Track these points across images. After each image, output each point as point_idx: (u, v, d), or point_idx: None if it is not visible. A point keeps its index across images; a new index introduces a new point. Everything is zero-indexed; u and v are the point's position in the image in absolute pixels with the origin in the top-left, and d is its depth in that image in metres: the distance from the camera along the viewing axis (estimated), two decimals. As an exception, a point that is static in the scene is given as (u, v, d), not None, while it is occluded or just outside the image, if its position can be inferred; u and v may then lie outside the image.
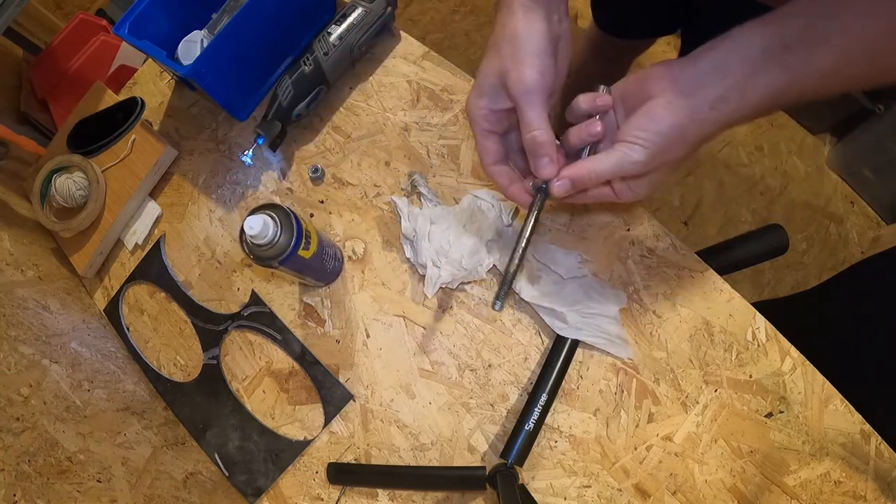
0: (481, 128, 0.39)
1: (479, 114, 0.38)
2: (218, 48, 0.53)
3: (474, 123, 0.39)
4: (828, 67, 0.30)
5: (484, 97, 0.38)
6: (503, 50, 0.36)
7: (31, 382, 0.49)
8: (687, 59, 0.32)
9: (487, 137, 0.39)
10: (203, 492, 0.54)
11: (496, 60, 0.36)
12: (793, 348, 0.49)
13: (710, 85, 0.31)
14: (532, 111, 0.35)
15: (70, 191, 0.61)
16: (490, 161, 0.40)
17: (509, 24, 0.36)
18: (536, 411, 0.48)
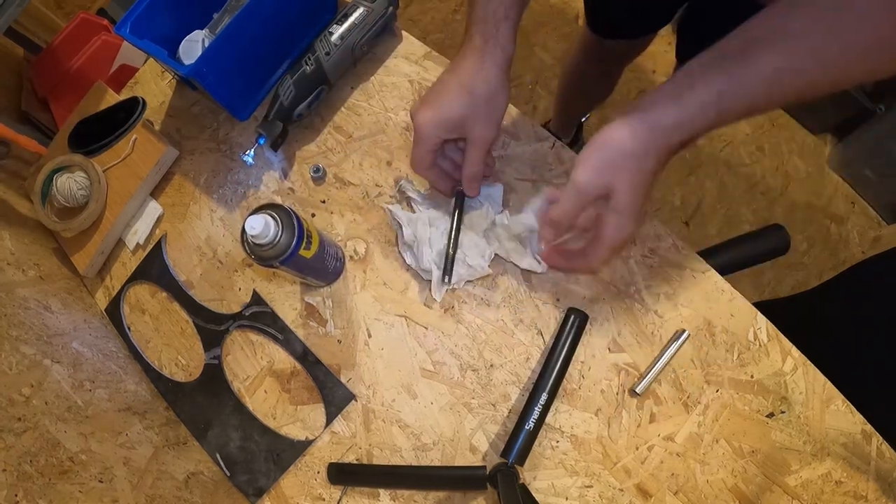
0: (428, 147, 0.46)
1: (433, 140, 0.45)
2: (219, 48, 0.53)
3: (424, 141, 0.46)
4: (770, 71, 0.32)
5: (442, 129, 0.45)
6: (475, 104, 0.43)
7: (32, 382, 0.49)
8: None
9: (431, 154, 0.47)
10: (204, 492, 0.54)
11: (464, 105, 0.43)
12: (794, 348, 0.49)
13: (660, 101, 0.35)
14: (480, 154, 0.46)
15: (71, 190, 0.61)
16: (425, 166, 0.48)
17: (482, 76, 0.43)
18: (537, 411, 0.48)
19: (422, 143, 0.46)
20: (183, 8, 0.58)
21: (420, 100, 0.46)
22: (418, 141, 0.46)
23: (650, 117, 0.35)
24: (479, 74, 0.43)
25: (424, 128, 0.45)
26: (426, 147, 0.46)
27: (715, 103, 0.33)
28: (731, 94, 0.33)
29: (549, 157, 0.56)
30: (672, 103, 0.34)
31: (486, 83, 0.43)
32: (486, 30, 0.43)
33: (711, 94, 0.33)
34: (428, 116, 0.44)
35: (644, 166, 0.36)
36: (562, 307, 0.52)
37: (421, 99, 0.46)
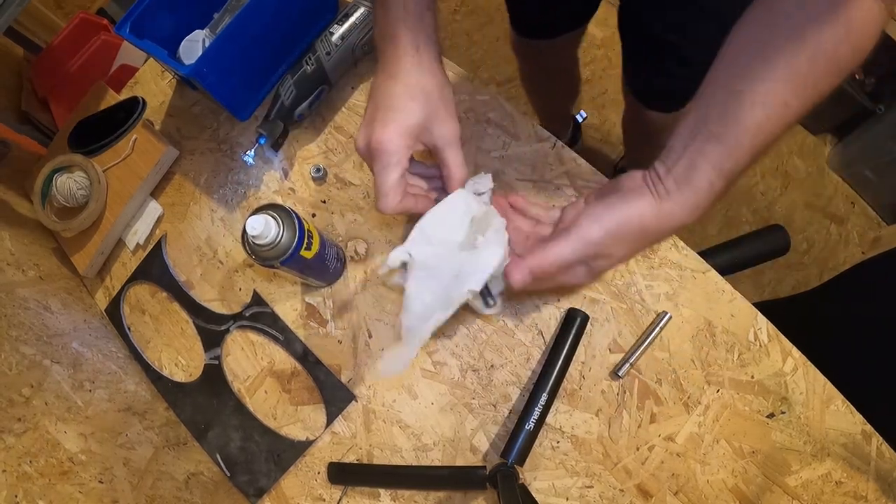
0: (397, 169, 0.40)
1: (401, 157, 0.40)
2: (220, 48, 0.53)
3: (391, 163, 0.39)
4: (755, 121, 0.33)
5: (409, 139, 0.40)
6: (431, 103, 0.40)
7: (32, 383, 0.49)
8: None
9: (398, 173, 0.40)
10: (205, 492, 0.54)
11: (422, 107, 0.40)
12: (794, 349, 0.49)
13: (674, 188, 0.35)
14: (459, 155, 0.42)
15: (71, 190, 0.61)
16: (399, 196, 0.41)
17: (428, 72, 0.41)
18: (537, 411, 0.48)
19: (390, 167, 0.39)
20: (183, 8, 0.58)
21: (364, 126, 0.41)
22: (385, 165, 0.39)
23: (670, 207, 0.36)
24: (424, 72, 0.40)
25: (388, 144, 0.39)
26: (396, 169, 0.40)
27: (720, 177, 0.34)
28: (733, 160, 0.34)
29: (550, 157, 0.56)
30: (687, 188, 0.35)
31: (434, 77, 0.41)
32: (412, 25, 0.40)
33: (716, 170, 0.34)
34: (389, 131, 0.39)
35: (652, 242, 0.38)
36: (562, 307, 0.52)
37: (365, 125, 0.41)
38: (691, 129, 0.35)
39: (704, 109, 0.35)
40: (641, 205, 0.36)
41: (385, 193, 0.40)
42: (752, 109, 0.33)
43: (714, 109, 0.34)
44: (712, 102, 0.35)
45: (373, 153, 0.40)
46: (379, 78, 0.42)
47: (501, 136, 0.57)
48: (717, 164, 0.34)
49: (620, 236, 0.37)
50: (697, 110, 0.35)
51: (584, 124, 1.37)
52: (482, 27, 1.48)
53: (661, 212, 0.36)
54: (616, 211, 0.36)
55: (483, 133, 0.58)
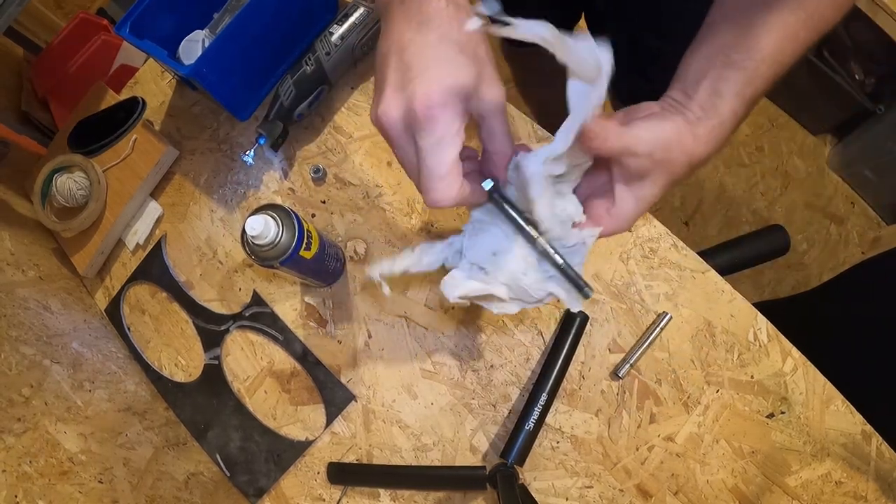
0: (456, 135, 0.30)
1: (459, 119, 0.30)
2: (219, 48, 0.53)
3: (446, 129, 0.30)
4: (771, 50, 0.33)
5: (462, 99, 0.30)
6: (482, 61, 0.31)
7: (32, 383, 0.49)
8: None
9: (457, 150, 0.31)
10: (205, 492, 0.54)
11: (471, 61, 0.31)
12: (794, 349, 0.49)
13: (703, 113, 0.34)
14: (505, 124, 0.33)
15: (71, 190, 0.61)
16: (457, 185, 0.31)
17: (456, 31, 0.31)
18: (536, 411, 0.48)
19: (445, 141, 0.30)
20: (183, 8, 0.58)
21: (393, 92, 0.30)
22: (439, 139, 0.30)
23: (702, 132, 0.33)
24: (463, 19, 0.31)
25: (440, 110, 0.29)
26: (453, 144, 0.30)
27: (742, 104, 0.34)
28: (752, 87, 0.33)
29: (550, 157, 0.56)
30: (714, 115, 0.33)
31: (475, 38, 0.31)
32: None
33: (739, 97, 0.33)
34: (440, 92, 0.29)
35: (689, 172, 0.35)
36: (562, 307, 0.52)
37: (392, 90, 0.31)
38: (706, 57, 0.34)
39: (719, 39, 0.34)
40: (679, 124, 0.33)
41: (441, 177, 0.30)
42: (767, 38, 0.33)
43: (729, 38, 0.34)
44: (725, 32, 0.34)
45: (418, 123, 0.29)
46: (399, 28, 0.31)
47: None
48: (739, 91, 0.33)
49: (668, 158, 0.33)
50: (710, 40, 0.35)
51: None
52: (482, 27, 1.48)
53: (695, 135, 0.33)
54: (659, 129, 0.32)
55: (483, 133, 0.58)
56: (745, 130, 1.35)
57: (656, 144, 0.32)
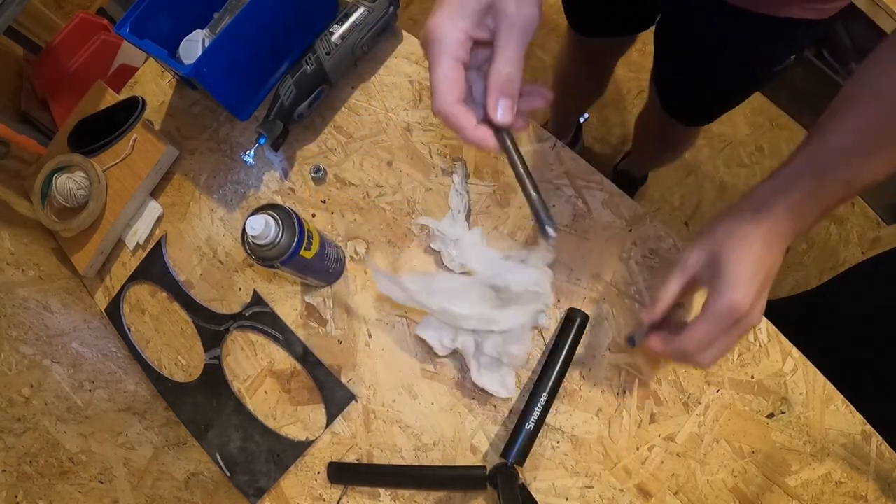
0: (453, 55, 0.32)
1: (456, 38, 0.32)
2: (219, 47, 0.53)
3: (445, 49, 0.32)
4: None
5: (466, 19, 0.31)
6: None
7: (32, 383, 0.49)
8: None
9: (457, 67, 0.32)
10: (205, 492, 0.54)
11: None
12: (794, 349, 0.49)
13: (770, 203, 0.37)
14: (522, 49, 0.32)
15: (71, 190, 0.61)
16: (455, 97, 0.32)
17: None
18: (537, 411, 0.48)
19: (440, 52, 0.32)
20: (183, 8, 0.58)
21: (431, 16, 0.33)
22: (433, 51, 0.32)
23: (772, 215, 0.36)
24: None
25: (437, 29, 0.32)
26: (449, 54, 0.32)
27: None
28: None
29: (550, 157, 0.56)
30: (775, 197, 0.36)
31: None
32: None
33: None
34: (442, 13, 0.32)
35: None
36: (562, 307, 0.52)
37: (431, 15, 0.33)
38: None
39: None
40: (759, 242, 0.36)
41: (434, 88, 0.32)
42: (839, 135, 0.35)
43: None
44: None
45: (424, 44, 0.33)
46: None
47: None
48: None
49: (759, 284, 0.36)
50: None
51: (584, 124, 1.37)
52: (482, 27, 1.48)
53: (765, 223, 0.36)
54: (741, 258, 0.36)
55: (483, 133, 0.58)
56: (745, 130, 1.36)
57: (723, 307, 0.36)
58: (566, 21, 0.84)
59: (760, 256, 0.36)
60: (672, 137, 0.93)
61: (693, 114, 0.81)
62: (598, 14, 0.78)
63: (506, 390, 0.49)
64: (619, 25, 0.80)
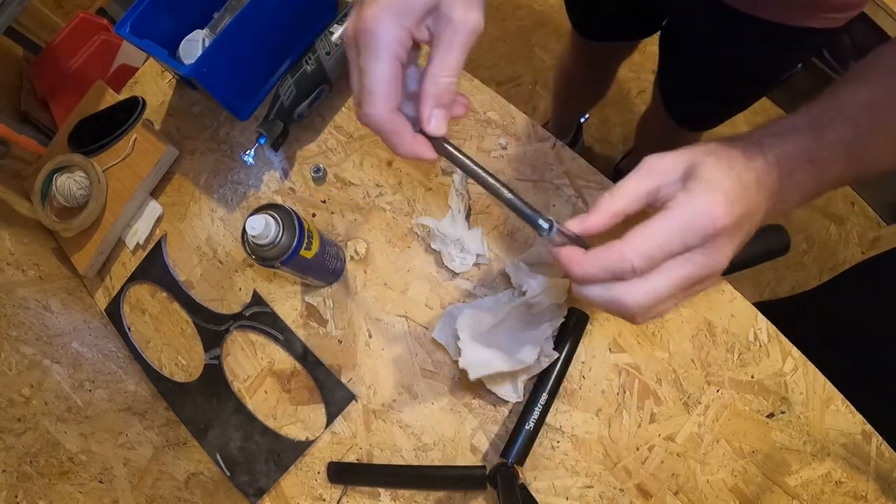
0: (394, 54, 0.28)
1: (397, 36, 0.28)
2: (220, 47, 0.53)
3: (385, 46, 0.28)
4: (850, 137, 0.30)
5: (410, 17, 0.28)
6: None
7: (32, 383, 0.49)
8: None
9: (397, 70, 0.29)
10: (205, 492, 0.54)
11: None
12: (794, 349, 0.49)
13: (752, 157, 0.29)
14: (462, 56, 0.29)
15: (71, 190, 0.61)
16: (392, 104, 0.29)
17: None
18: (537, 411, 0.48)
19: (377, 49, 0.28)
20: (183, 8, 0.58)
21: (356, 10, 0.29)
22: (368, 53, 0.28)
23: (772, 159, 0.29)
24: None
25: (374, 24, 0.28)
26: (383, 58, 0.28)
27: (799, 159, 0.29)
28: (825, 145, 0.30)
29: (550, 157, 0.56)
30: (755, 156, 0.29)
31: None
32: None
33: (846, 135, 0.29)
34: (379, 6, 0.28)
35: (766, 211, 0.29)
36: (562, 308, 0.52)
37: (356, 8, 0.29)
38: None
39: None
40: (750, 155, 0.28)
41: (369, 90, 0.28)
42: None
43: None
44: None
45: (356, 38, 0.29)
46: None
47: (501, 136, 0.57)
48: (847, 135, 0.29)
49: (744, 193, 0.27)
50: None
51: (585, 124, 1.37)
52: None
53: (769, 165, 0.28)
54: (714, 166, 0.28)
55: (483, 133, 0.58)
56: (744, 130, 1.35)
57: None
58: (569, 23, 0.84)
59: (746, 187, 0.27)
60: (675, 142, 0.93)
61: (698, 120, 0.81)
62: (603, 18, 0.78)
63: (516, 395, 0.49)
64: (624, 30, 0.80)
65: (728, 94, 0.70)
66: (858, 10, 0.51)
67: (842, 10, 0.51)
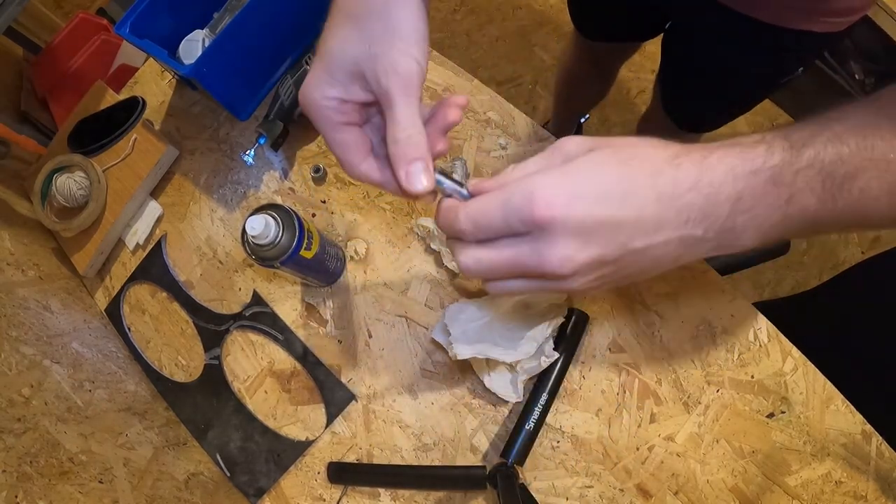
0: (334, 122, 0.30)
1: (329, 105, 0.30)
2: (219, 47, 0.53)
3: (322, 119, 0.30)
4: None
5: (335, 86, 0.29)
6: (369, 27, 0.28)
7: (32, 383, 0.49)
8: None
9: (346, 130, 0.30)
10: (205, 492, 0.54)
11: (355, 39, 0.29)
12: (794, 349, 0.49)
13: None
14: (408, 108, 0.28)
15: (71, 190, 0.61)
16: (360, 158, 0.30)
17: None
18: (537, 411, 0.48)
19: (320, 121, 0.30)
20: (183, 8, 0.58)
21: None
22: (315, 120, 0.30)
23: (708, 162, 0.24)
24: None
25: (308, 94, 0.30)
26: (329, 122, 0.30)
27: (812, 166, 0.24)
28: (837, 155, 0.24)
29: (550, 157, 0.56)
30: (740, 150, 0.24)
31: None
32: None
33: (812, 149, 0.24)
34: (313, 75, 0.30)
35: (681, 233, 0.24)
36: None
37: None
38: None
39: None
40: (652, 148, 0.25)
41: (337, 158, 0.30)
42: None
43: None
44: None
45: (303, 109, 0.31)
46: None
47: (501, 136, 0.57)
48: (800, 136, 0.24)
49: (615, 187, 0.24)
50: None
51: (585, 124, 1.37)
52: (482, 27, 1.48)
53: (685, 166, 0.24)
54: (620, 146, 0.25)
55: (483, 133, 0.58)
56: (744, 130, 1.35)
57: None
58: (570, 23, 0.84)
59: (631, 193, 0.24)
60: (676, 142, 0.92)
61: (699, 122, 0.81)
62: (606, 20, 0.78)
63: (516, 395, 0.49)
64: (627, 32, 0.80)
65: (729, 96, 0.70)
66: (861, 14, 0.51)
67: (844, 15, 0.51)
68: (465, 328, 0.47)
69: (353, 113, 0.30)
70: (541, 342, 0.47)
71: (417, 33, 0.29)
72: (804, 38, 0.53)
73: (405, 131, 0.28)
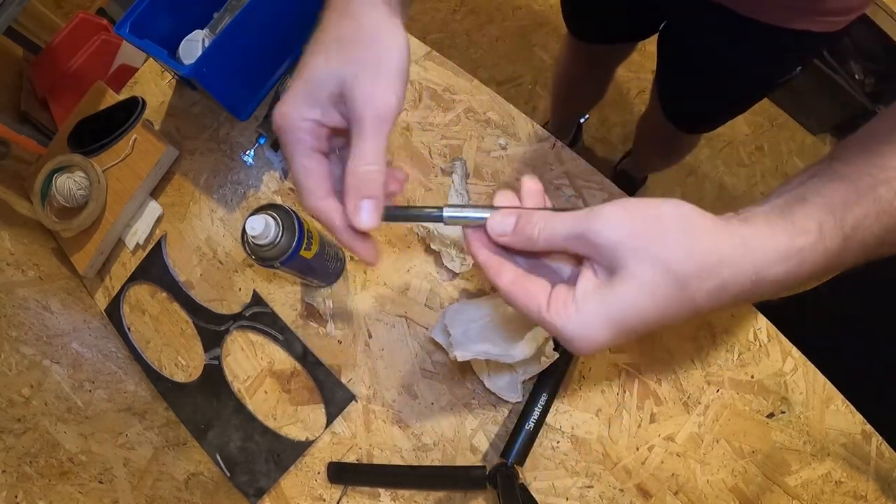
0: (306, 145, 0.29)
1: (305, 129, 0.29)
2: (219, 47, 0.53)
3: (297, 141, 0.29)
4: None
5: (315, 108, 0.29)
6: (357, 54, 0.28)
7: (32, 383, 0.49)
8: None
9: (314, 158, 0.30)
10: (205, 492, 0.54)
11: (342, 62, 0.28)
12: (794, 349, 0.49)
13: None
14: (376, 142, 0.28)
15: (71, 190, 0.61)
16: (323, 193, 0.29)
17: (367, 21, 0.29)
18: (537, 411, 0.48)
19: (291, 143, 0.29)
20: (183, 8, 0.58)
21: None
22: (285, 141, 0.30)
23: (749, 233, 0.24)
24: (349, 19, 0.29)
25: (285, 113, 0.29)
26: (302, 145, 0.29)
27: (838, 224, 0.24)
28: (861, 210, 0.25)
29: (550, 157, 0.56)
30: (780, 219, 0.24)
31: (360, 25, 0.29)
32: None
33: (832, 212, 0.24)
34: (288, 99, 0.29)
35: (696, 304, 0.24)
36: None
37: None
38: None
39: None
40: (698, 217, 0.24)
41: (296, 184, 0.30)
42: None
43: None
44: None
45: (276, 132, 0.30)
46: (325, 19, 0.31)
47: (501, 136, 0.57)
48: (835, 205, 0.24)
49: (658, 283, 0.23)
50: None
51: (584, 124, 1.37)
52: (482, 27, 1.48)
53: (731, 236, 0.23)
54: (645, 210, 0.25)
55: (483, 133, 0.58)
56: (744, 130, 1.36)
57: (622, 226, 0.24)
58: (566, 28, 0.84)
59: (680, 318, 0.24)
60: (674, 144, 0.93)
61: (696, 122, 0.81)
62: (598, 22, 0.78)
63: (516, 395, 0.49)
64: (621, 33, 0.80)
65: (726, 96, 0.70)
66: (858, 13, 0.51)
67: (841, 14, 0.51)
68: (465, 329, 0.47)
69: (324, 140, 0.30)
70: (541, 342, 0.47)
71: (400, 66, 0.29)
72: (803, 37, 0.53)
73: (367, 165, 0.28)
